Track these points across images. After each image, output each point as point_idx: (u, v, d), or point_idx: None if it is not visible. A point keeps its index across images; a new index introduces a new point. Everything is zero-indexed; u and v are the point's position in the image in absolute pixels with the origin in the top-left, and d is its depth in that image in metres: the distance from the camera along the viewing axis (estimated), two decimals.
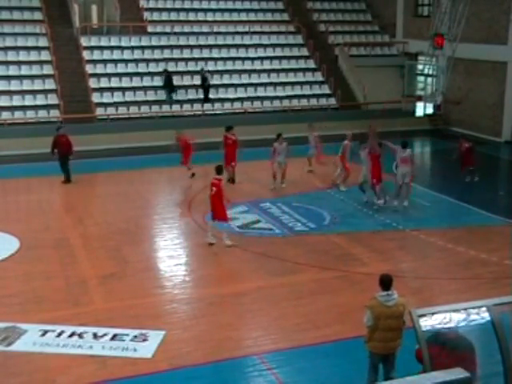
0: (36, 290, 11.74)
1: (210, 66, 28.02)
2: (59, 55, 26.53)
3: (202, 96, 26.84)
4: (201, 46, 28.68)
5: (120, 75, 26.59)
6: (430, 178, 21.49)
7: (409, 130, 27.00)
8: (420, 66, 29.85)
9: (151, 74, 26.98)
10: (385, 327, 7.76)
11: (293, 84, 28.43)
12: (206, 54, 28.47)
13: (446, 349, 6.46)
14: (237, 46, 29.21)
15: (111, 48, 27.59)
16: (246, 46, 29.34)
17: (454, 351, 6.49)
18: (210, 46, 28.80)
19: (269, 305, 11.17)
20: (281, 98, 27.85)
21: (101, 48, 27.43)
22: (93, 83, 25.97)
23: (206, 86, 26.56)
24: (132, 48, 27.77)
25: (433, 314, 6.38)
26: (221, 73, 27.95)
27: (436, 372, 5.18)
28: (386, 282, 7.90)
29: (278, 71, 28.81)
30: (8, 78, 25.38)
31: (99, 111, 25.27)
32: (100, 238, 14.63)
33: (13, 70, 25.66)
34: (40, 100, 24.98)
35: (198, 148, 23.76)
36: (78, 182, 19.53)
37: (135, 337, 9.91)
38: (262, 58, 29.12)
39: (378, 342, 7.89)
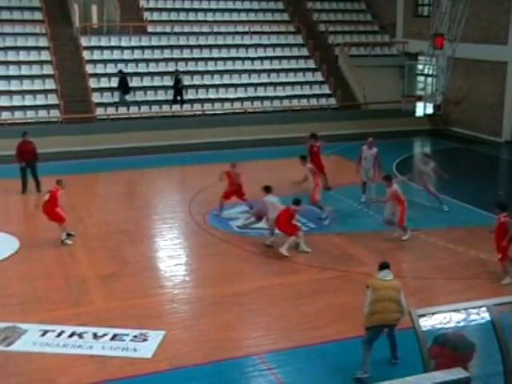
0: (36, 290, 11.74)
1: (211, 66, 28.03)
2: (59, 55, 26.53)
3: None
4: (201, 46, 28.67)
5: None
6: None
7: (409, 129, 27.03)
8: (420, 66, 29.84)
9: (151, 74, 26.97)
10: (385, 297, 8.55)
11: (293, 84, 28.42)
12: (205, 54, 28.46)
13: (446, 349, 6.46)
14: (237, 46, 29.21)
15: (111, 48, 27.59)
16: (246, 46, 29.34)
17: (454, 352, 6.49)
18: (210, 46, 28.79)
19: (269, 305, 11.17)
20: (281, 98, 27.84)
21: (101, 48, 27.43)
22: (93, 83, 25.96)
23: (178, 88, 26.25)
24: (132, 48, 27.77)
25: (433, 314, 6.40)
26: (221, 73, 27.94)
27: (436, 372, 5.19)
28: (383, 265, 8.94)
29: (278, 71, 28.80)
30: (8, 78, 25.37)
31: (99, 111, 25.27)
32: (100, 238, 14.63)
33: (13, 70, 25.65)
34: (40, 100, 24.98)
35: (198, 148, 23.83)
36: (79, 182, 19.53)
37: (135, 337, 9.92)
38: (262, 58, 29.12)
39: (379, 314, 8.58)
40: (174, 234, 15.00)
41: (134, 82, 26.57)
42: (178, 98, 26.30)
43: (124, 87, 25.61)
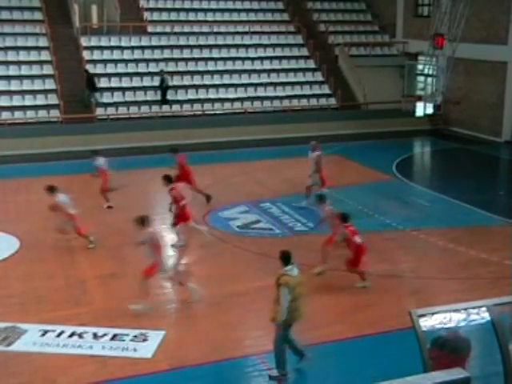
0: (36, 289, 11.73)
1: (211, 66, 28.02)
2: (59, 55, 26.52)
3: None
4: (201, 46, 28.67)
5: (120, 75, 26.59)
6: (429, 178, 21.51)
7: (409, 129, 27.03)
8: (420, 66, 29.85)
9: (151, 74, 26.96)
10: (297, 295, 8.58)
11: (293, 84, 28.42)
12: (205, 54, 28.46)
13: (446, 351, 6.45)
14: (237, 46, 29.21)
15: (111, 48, 27.59)
16: (246, 46, 29.34)
17: (454, 353, 6.48)
18: (210, 46, 28.79)
19: (269, 305, 11.13)
20: (281, 98, 27.84)
21: (101, 48, 27.43)
22: None
23: (163, 88, 26.15)
24: (132, 48, 27.77)
25: (433, 314, 6.37)
26: (221, 73, 27.94)
27: (436, 372, 5.18)
28: (288, 257, 8.79)
29: (278, 71, 28.80)
30: (8, 78, 25.37)
31: (99, 111, 25.28)
32: (100, 238, 14.61)
33: (13, 70, 25.65)
34: (40, 100, 24.98)
35: (198, 148, 23.83)
36: (79, 182, 19.51)
37: (135, 337, 9.92)
38: (262, 58, 29.12)
39: (295, 312, 8.61)
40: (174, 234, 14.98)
41: (134, 82, 26.60)
42: (166, 97, 26.24)
43: (91, 86, 25.30)
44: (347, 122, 27.03)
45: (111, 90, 26.04)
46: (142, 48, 27.89)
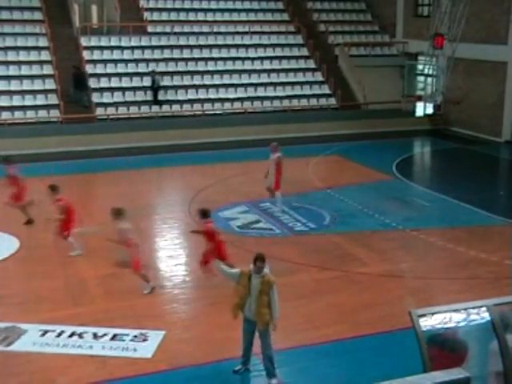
0: (36, 289, 11.74)
1: (211, 66, 28.02)
2: (59, 55, 26.51)
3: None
4: (201, 46, 28.67)
5: (120, 75, 26.58)
6: (429, 178, 21.51)
7: (409, 130, 27.04)
8: (420, 66, 29.85)
9: (151, 74, 26.93)
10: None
11: (293, 84, 28.42)
12: (205, 54, 28.46)
13: (445, 351, 6.46)
14: (237, 46, 29.20)
15: (111, 48, 27.58)
16: (246, 46, 29.34)
17: (453, 352, 6.49)
18: (210, 46, 28.78)
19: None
20: (281, 98, 27.84)
21: (101, 48, 27.43)
22: (93, 83, 25.96)
23: (155, 88, 26.11)
24: (132, 48, 27.76)
25: (433, 314, 6.37)
26: (221, 73, 27.94)
27: (436, 372, 5.18)
28: (264, 258, 9.01)
29: (278, 71, 28.80)
30: (8, 77, 25.36)
31: (99, 111, 25.27)
32: (100, 238, 14.59)
33: (13, 70, 25.64)
34: (40, 100, 24.97)
35: (198, 148, 23.84)
36: (79, 182, 19.53)
37: (135, 337, 9.92)
38: (262, 58, 29.12)
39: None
40: (174, 234, 15.00)
41: (134, 82, 26.58)
42: (158, 98, 26.18)
43: (80, 86, 25.20)
44: (347, 122, 27.04)
45: (111, 90, 26.03)
46: (142, 48, 27.89)
